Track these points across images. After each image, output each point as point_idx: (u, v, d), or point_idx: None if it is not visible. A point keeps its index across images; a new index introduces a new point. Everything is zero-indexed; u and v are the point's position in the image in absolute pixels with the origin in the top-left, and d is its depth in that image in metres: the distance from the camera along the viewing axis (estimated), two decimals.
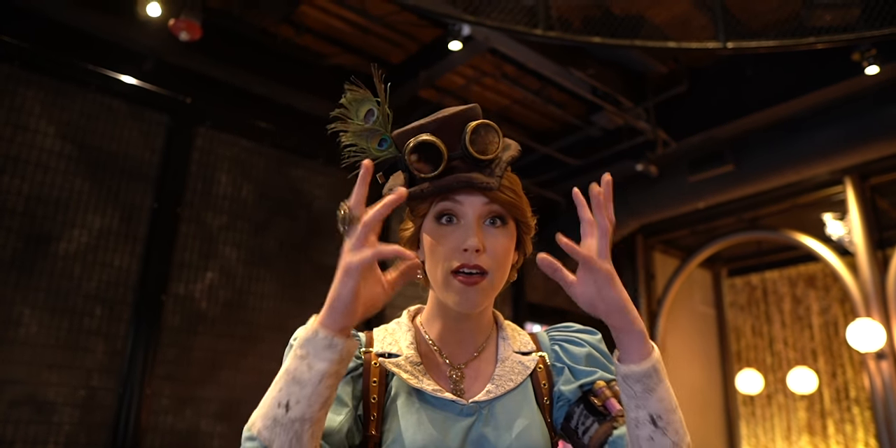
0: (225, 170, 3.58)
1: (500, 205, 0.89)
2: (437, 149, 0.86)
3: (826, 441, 5.94)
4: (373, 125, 0.94)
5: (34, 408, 2.76)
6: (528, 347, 0.98)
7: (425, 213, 0.90)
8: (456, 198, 0.88)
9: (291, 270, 3.69)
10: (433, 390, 0.88)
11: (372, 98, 0.94)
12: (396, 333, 0.96)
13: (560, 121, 4.71)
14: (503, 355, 0.95)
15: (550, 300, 5.27)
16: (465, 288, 0.86)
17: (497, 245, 0.88)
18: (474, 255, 0.86)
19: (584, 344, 0.98)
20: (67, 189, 3.03)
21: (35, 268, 2.88)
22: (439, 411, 0.88)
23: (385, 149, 0.93)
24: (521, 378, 0.93)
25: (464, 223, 0.88)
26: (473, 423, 0.88)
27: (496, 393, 0.90)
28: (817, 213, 5.01)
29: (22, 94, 2.98)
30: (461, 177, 0.87)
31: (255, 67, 3.64)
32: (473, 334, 0.96)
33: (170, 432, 3.08)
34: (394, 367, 0.89)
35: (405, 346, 0.93)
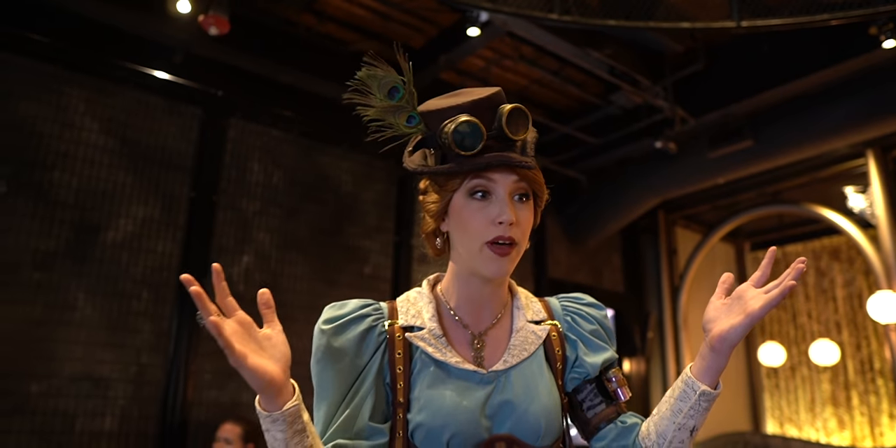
0: (256, 159, 3.74)
1: (527, 182, 0.97)
2: (478, 129, 0.93)
3: (850, 412, 5.99)
4: (399, 102, 0.99)
5: (92, 383, 2.99)
6: (541, 316, 1.06)
7: (456, 189, 0.96)
8: (489, 175, 0.94)
9: (321, 253, 3.87)
10: (456, 362, 0.96)
11: (396, 76, 0.99)
12: (419, 303, 1.04)
13: (579, 100, 4.77)
14: (518, 325, 1.03)
15: (573, 276, 5.39)
16: (498, 258, 0.94)
17: (524, 218, 0.97)
18: (508, 228, 0.93)
19: (592, 320, 1.07)
20: (112, 181, 3.22)
21: (86, 256, 3.08)
22: (461, 380, 0.95)
23: (414, 125, 1.00)
24: (534, 347, 1.01)
25: (496, 198, 0.95)
26: (493, 390, 0.96)
27: (512, 362, 0.98)
28: (839, 186, 5.01)
29: (67, 94, 3.15)
30: (500, 155, 0.93)
31: (280, 57, 3.76)
32: (492, 302, 1.03)
33: (214, 405, 3.30)
34: (419, 341, 0.97)
35: (428, 318, 1.00)
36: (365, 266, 4.02)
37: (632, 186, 5.03)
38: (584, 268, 5.52)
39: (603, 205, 5.21)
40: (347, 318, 0.99)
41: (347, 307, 1.01)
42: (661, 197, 5.10)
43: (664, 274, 5.86)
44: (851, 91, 3.94)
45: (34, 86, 3.07)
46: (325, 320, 0.99)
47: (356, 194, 4.10)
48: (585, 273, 5.52)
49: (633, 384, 5.58)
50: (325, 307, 1.02)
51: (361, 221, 4.08)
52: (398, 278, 4.11)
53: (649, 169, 4.90)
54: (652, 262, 6.01)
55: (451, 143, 0.92)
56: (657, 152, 4.64)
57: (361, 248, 4.04)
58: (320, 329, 0.98)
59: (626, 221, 5.35)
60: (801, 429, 6.23)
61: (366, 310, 1.01)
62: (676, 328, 5.71)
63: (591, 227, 5.31)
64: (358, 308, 1.01)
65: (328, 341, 0.96)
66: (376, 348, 0.97)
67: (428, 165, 0.99)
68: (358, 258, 4.00)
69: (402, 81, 0.99)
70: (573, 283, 5.36)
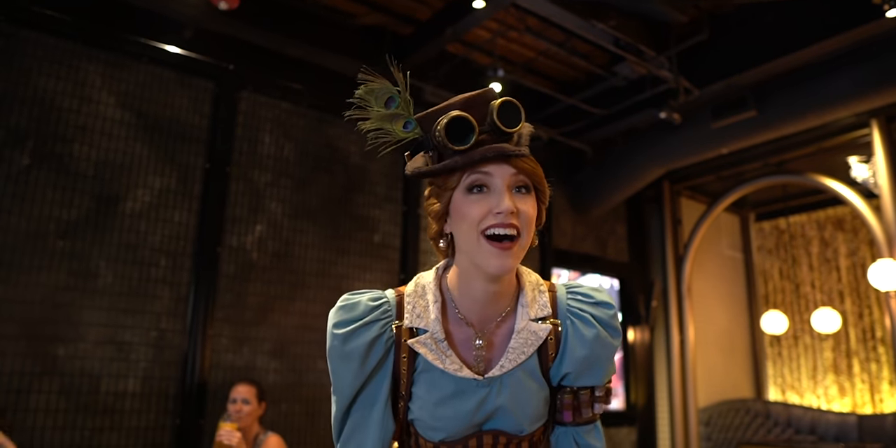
0: (268, 131, 3.83)
1: (525, 175, 0.96)
2: (469, 123, 0.94)
3: (851, 379, 6.10)
4: (395, 110, 1.02)
5: (115, 347, 3.14)
6: (545, 311, 1.05)
7: (454, 186, 0.96)
8: (485, 169, 0.94)
9: (332, 222, 3.98)
10: (454, 370, 0.99)
11: (391, 87, 1.02)
12: (426, 296, 1.04)
13: (584, 71, 4.81)
14: (519, 326, 1.02)
15: (577, 246, 5.48)
16: (499, 252, 0.93)
17: (526, 208, 0.95)
18: (508, 216, 0.92)
19: (594, 324, 1.05)
20: (129, 153, 3.33)
21: (107, 225, 3.20)
22: (459, 385, 0.99)
23: (410, 130, 1.02)
24: (532, 350, 1.02)
25: (494, 191, 0.94)
26: (487, 395, 1.00)
27: (508, 367, 1.00)
28: (843, 156, 5.03)
29: (84, 69, 3.24)
30: (493, 147, 0.93)
31: (288, 31, 3.80)
32: (498, 300, 1.03)
33: (231, 368, 3.45)
34: (421, 346, 0.99)
35: (432, 319, 1.01)
36: (374, 235, 4.14)
37: (636, 157, 5.08)
38: (590, 238, 5.61)
39: (608, 175, 5.28)
40: (358, 324, 1.00)
41: (358, 310, 1.02)
42: (666, 167, 5.15)
43: (668, 243, 5.93)
44: (855, 61, 3.95)
45: (53, 62, 3.16)
46: (336, 323, 1.01)
47: (365, 165, 4.20)
48: (590, 243, 5.61)
49: (637, 352, 5.71)
50: (337, 304, 1.04)
51: (370, 191, 4.18)
52: (406, 246, 4.22)
53: (654, 139, 4.94)
54: (656, 232, 6.08)
55: (444, 139, 0.94)
56: (661, 123, 4.69)
57: (370, 217, 4.15)
58: (332, 332, 1.01)
59: (631, 192, 5.42)
60: (803, 396, 6.35)
61: (375, 314, 1.02)
62: (680, 297, 5.81)
63: (596, 197, 5.39)
64: (368, 311, 1.02)
65: (340, 346, 0.99)
66: (384, 353, 1.01)
67: (425, 167, 1.00)
68: (367, 227, 4.11)
69: (398, 91, 1.02)
70: (578, 253, 5.46)
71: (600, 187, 5.35)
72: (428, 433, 1.01)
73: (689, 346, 5.68)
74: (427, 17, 4.12)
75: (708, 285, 6.32)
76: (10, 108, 3.01)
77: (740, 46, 4.19)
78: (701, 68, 4.33)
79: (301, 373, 3.67)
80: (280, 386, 3.58)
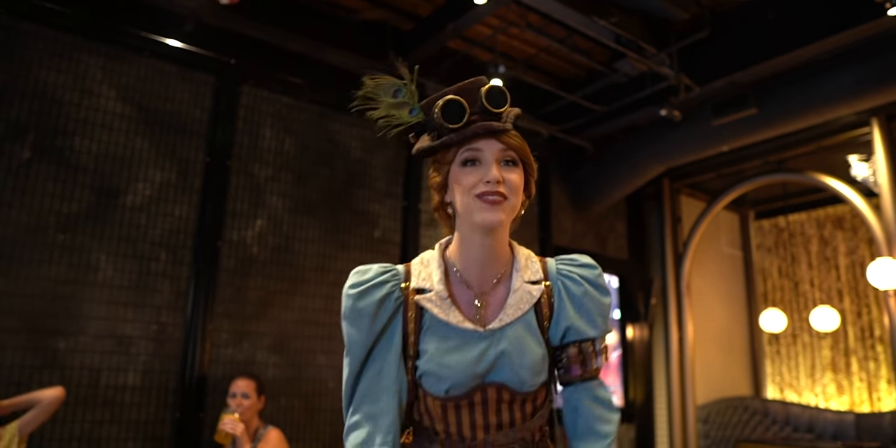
0: (268, 125, 3.83)
1: (512, 150, 1.10)
2: (461, 104, 1.10)
3: (849, 378, 6.11)
4: (402, 99, 1.16)
5: (115, 340, 3.14)
6: (537, 276, 1.17)
7: (451, 161, 1.11)
8: (476, 145, 1.09)
9: (332, 217, 3.98)
10: (457, 322, 1.10)
11: (397, 81, 1.16)
12: (430, 266, 1.16)
13: (585, 68, 4.80)
14: (515, 286, 1.14)
15: (577, 243, 5.48)
16: (489, 206, 1.07)
17: (512, 177, 1.10)
18: (496, 185, 1.06)
19: (581, 282, 1.17)
20: (130, 147, 3.33)
21: (107, 219, 3.21)
22: (462, 338, 1.10)
23: (415, 115, 1.17)
24: (528, 306, 1.14)
25: (484, 163, 1.09)
26: (489, 345, 1.10)
27: (507, 321, 1.11)
28: (843, 154, 5.04)
29: (85, 62, 3.24)
30: (482, 124, 1.09)
31: (290, 26, 3.80)
32: (494, 261, 1.15)
33: (230, 362, 3.45)
34: (427, 302, 1.12)
35: (436, 280, 1.13)
36: (374, 229, 4.14)
37: (637, 154, 5.08)
38: (589, 235, 5.61)
39: (608, 172, 5.28)
40: (370, 284, 1.12)
41: (370, 273, 1.14)
42: (666, 164, 5.15)
43: (668, 241, 5.94)
44: (856, 59, 3.95)
45: (54, 54, 3.16)
46: (351, 285, 1.13)
47: (365, 160, 4.20)
48: (590, 240, 5.61)
49: (635, 349, 5.72)
50: (352, 272, 1.16)
51: (371, 186, 4.18)
52: (406, 242, 4.23)
53: (654, 137, 4.94)
54: (656, 230, 6.09)
55: (441, 118, 1.09)
56: (662, 120, 4.68)
57: (371, 212, 4.15)
58: (347, 293, 1.12)
59: (631, 189, 5.42)
60: (801, 394, 6.36)
61: (385, 276, 1.14)
62: (679, 295, 5.81)
63: (596, 194, 5.39)
64: (379, 274, 1.14)
65: (353, 304, 1.11)
66: (394, 311, 1.12)
67: (426, 145, 1.14)
68: (367, 222, 4.12)
69: (404, 84, 1.16)
70: (578, 250, 5.46)
71: (600, 184, 5.35)
72: (434, 387, 1.09)
73: (687, 344, 5.69)
74: (428, 13, 4.12)
75: (707, 283, 6.33)
76: (11, 101, 3.01)
77: (741, 44, 4.19)
78: (702, 65, 4.33)
79: (301, 367, 3.68)
80: (280, 380, 3.58)
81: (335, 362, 3.80)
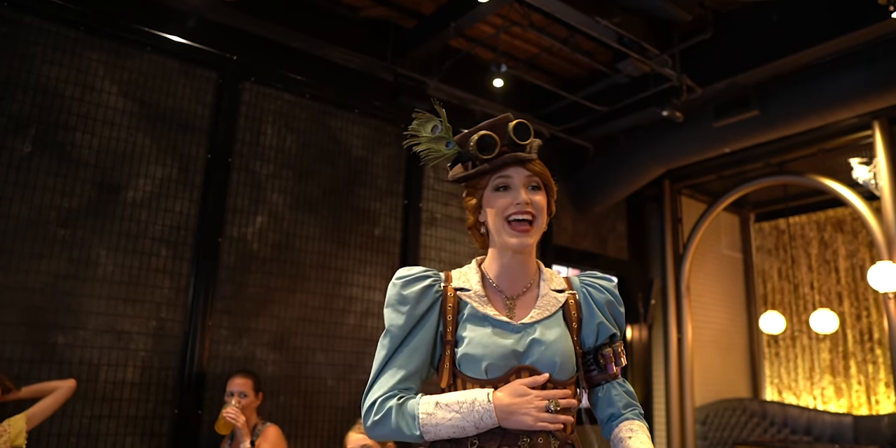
0: (270, 122, 3.83)
1: (537, 175, 1.30)
2: (493, 138, 1.29)
3: (848, 381, 6.11)
4: (439, 134, 1.35)
5: (114, 336, 3.13)
6: (562, 286, 1.35)
7: (485, 186, 1.30)
8: (507, 173, 1.28)
9: (333, 214, 3.98)
10: (494, 314, 1.26)
11: (436, 118, 1.35)
12: (468, 274, 1.34)
13: (587, 68, 4.80)
14: (543, 292, 1.32)
15: (577, 243, 5.48)
16: (519, 233, 1.26)
17: (538, 199, 1.29)
18: (525, 207, 1.25)
19: (604, 291, 1.35)
20: (131, 142, 3.33)
21: (107, 214, 3.20)
22: (498, 327, 1.25)
23: (451, 148, 1.35)
24: (556, 308, 1.30)
25: (514, 188, 1.28)
26: (523, 334, 1.24)
27: (537, 317, 1.27)
28: (845, 157, 5.03)
29: (88, 57, 3.24)
30: (512, 155, 1.28)
31: (293, 23, 3.80)
32: (523, 273, 1.33)
33: (229, 359, 3.44)
34: (466, 297, 1.29)
35: (474, 283, 1.31)
36: (375, 228, 4.14)
37: (638, 155, 5.08)
38: (589, 235, 5.61)
39: (609, 173, 5.28)
40: (414, 276, 1.30)
41: (416, 269, 1.32)
42: (667, 166, 5.15)
43: (668, 242, 5.94)
44: (859, 62, 3.95)
45: (56, 49, 3.15)
46: (398, 277, 1.30)
47: (367, 158, 4.20)
48: (590, 240, 5.61)
49: (634, 350, 5.72)
50: (399, 269, 1.34)
51: (372, 184, 4.18)
52: (407, 240, 4.23)
53: (656, 138, 4.94)
54: (656, 231, 6.09)
55: (475, 150, 1.28)
56: (664, 121, 4.68)
57: (371, 210, 4.15)
58: (393, 283, 1.29)
59: (632, 190, 5.42)
60: (800, 396, 6.36)
61: (428, 273, 1.32)
62: (679, 296, 5.81)
63: (597, 194, 5.39)
64: (423, 271, 1.32)
65: (398, 291, 1.28)
66: (433, 301, 1.28)
67: (462, 173, 1.34)
68: (368, 220, 4.11)
69: (440, 121, 1.34)
70: (578, 250, 5.46)
71: (601, 185, 5.35)
72: (474, 368, 1.21)
73: (686, 345, 5.69)
74: (431, 11, 4.12)
75: (707, 284, 6.33)
76: (13, 95, 3.01)
77: (744, 45, 4.19)
78: (704, 67, 4.33)
79: (300, 365, 3.68)
80: (279, 378, 3.58)
81: (334, 360, 3.80)
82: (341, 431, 3.68)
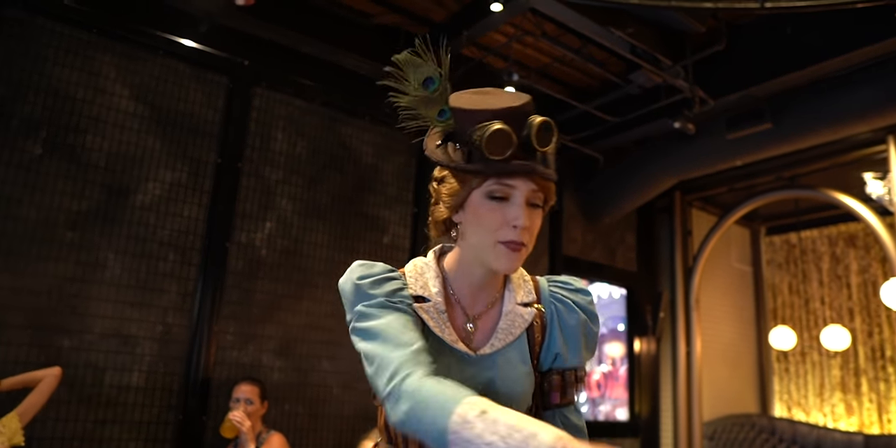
0: (280, 127, 3.82)
1: (543, 192, 1.03)
2: (510, 138, 0.97)
3: (859, 398, 6.03)
4: (432, 93, 1.03)
5: (120, 340, 3.12)
6: (530, 297, 1.14)
7: (475, 187, 1.01)
8: (510, 182, 0.99)
9: (342, 221, 3.96)
10: (452, 341, 1.05)
11: (434, 67, 1.02)
12: (426, 274, 1.11)
13: (600, 79, 4.78)
14: (507, 309, 1.11)
15: (586, 254, 5.44)
16: (510, 253, 1.01)
17: (535, 224, 1.03)
18: (521, 233, 1.00)
19: (576, 310, 1.14)
20: (141, 146, 3.32)
21: (116, 217, 3.19)
22: (453, 357, 1.05)
23: (444, 120, 1.04)
24: (520, 331, 1.10)
25: (513, 203, 1.00)
26: (479, 370, 1.05)
27: (498, 346, 1.07)
28: (858, 172, 4.98)
29: (99, 60, 3.24)
30: (526, 165, 0.98)
31: (305, 29, 3.80)
32: (489, 289, 1.12)
33: (235, 365, 3.42)
34: (424, 313, 1.06)
35: (435, 292, 1.08)
36: (384, 236, 4.12)
37: (649, 166, 5.05)
38: (599, 246, 5.57)
39: (619, 184, 5.25)
40: (381, 277, 1.06)
41: (377, 268, 1.08)
42: (678, 177, 5.12)
43: (678, 254, 5.89)
44: (874, 76, 3.91)
45: (68, 52, 3.16)
46: (361, 276, 1.05)
47: (377, 165, 4.18)
48: (599, 251, 5.57)
49: (642, 363, 5.66)
50: (354, 264, 1.08)
51: (381, 192, 4.17)
52: (416, 248, 4.20)
53: (667, 149, 4.91)
54: (666, 243, 6.04)
55: (483, 148, 0.96)
56: (675, 133, 4.65)
57: (381, 217, 4.13)
58: (356, 283, 1.04)
59: (643, 201, 5.39)
60: (809, 413, 6.27)
61: (393, 273, 1.08)
62: (688, 309, 5.76)
63: (607, 205, 5.36)
64: (386, 270, 1.08)
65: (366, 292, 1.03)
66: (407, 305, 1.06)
67: (453, 160, 1.02)
68: (377, 227, 4.09)
69: (440, 74, 1.02)
70: (587, 261, 5.42)
71: (611, 195, 5.31)
72: None
73: (695, 359, 5.62)
74: (442, 19, 4.12)
75: (716, 298, 6.27)
76: (24, 97, 3.01)
77: (757, 57, 4.16)
78: (717, 78, 4.30)
79: (306, 372, 3.65)
80: (284, 385, 3.55)
81: (340, 368, 3.77)
82: (346, 441, 3.64)
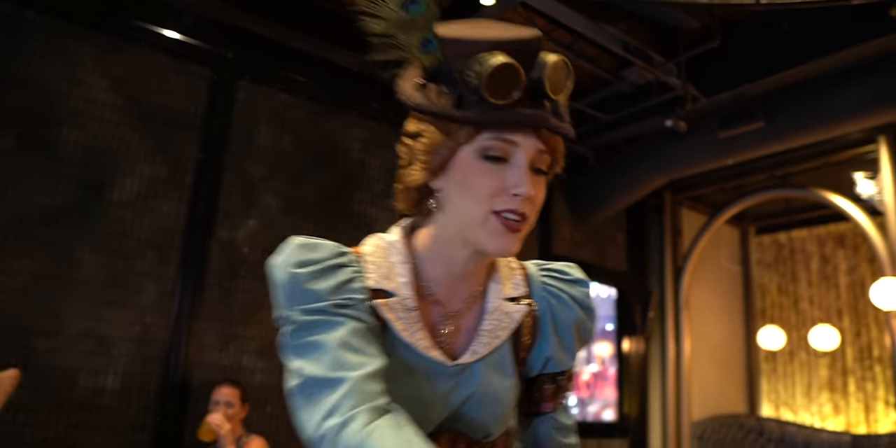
0: (265, 122, 3.72)
1: (552, 154, 0.82)
2: (518, 77, 0.74)
3: (846, 398, 6.03)
4: (415, 15, 0.81)
5: (96, 341, 3.01)
6: (519, 290, 0.93)
7: (464, 142, 0.79)
8: (512, 137, 0.78)
9: (328, 219, 3.86)
10: (424, 348, 0.83)
11: None
12: (391, 258, 0.87)
13: (591, 75, 4.72)
14: (492, 305, 0.90)
15: (576, 253, 5.39)
16: (507, 232, 0.79)
17: (539, 194, 0.82)
18: (523, 202, 0.79)
19: (573, 306, 0.95)
20: (119, 139, 3.21)
21: (92, 213, 3.09)
22: (427, 368, 0.84)
23: (429, 51, 0.81)
24: (506, 333, 0.89)
25: (513, 165, 0.78)
26: (456, 384, 0.85)
27: (481, 353, 0.87)
28: (849, 171, 4.97)
29: (76, 50, 3.13)
30: (535, 114, 0.76)
31: (291, 22, 3.71)
32: (472, 279, 0.90)
33: (215, 367, 3.32)
34: (390, 312, 0.82)
35: (403, 283, 0.85)
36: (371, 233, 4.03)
37: (640, 164, 5.00)
38: (588, 245, 5.52)
39: (610, 182, 5.19)
40: (327, 264, 0.81)
41: (323, 250, 0.82)
42: (669, 176, 5.07)
43: (668, 254, 5.86)
44: (867, 75, 3.88)
45: (43, 41, 3.04)
46: (299, 263, 0.79)
47: (364, 161, 4.09)
48: (589, 250, 5.52)
49: (631, 363, 5.62)
50: (293, 242, 0.82)
51: (368, 188, 4.08)
52: None
53: (658, 147, 4.86)
54: (656, 242, 6.00)
55: (483, 86, 0.73)
56: (667, 131, 4.60)
57: (368, 215, 4.04)
58: (292, 273, 0.79)
59: (633, 200, 5.34)
60: (797, 413, 6.28)
61: (344, 258, 0.83)
62: (678, 308, 5.73)
63: (597, 204, 5.30)
64: (335, 254, 0.83)
65: (302, 286, 0.79)
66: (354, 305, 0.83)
67: (438, 105, 0.78)
68: (364, 225, 4.00)
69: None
70: (576, 260, 5.34)
71: (601, 194, 5.26)
72: None
73: (684, 359, 5.60)
74: None
75: (705, 297, 6.24)
76: None
77: (751, 55, 4.12)
78: (710, 76, 4.26)
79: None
80: (266, 387, 3.45)
81: None
82: None
